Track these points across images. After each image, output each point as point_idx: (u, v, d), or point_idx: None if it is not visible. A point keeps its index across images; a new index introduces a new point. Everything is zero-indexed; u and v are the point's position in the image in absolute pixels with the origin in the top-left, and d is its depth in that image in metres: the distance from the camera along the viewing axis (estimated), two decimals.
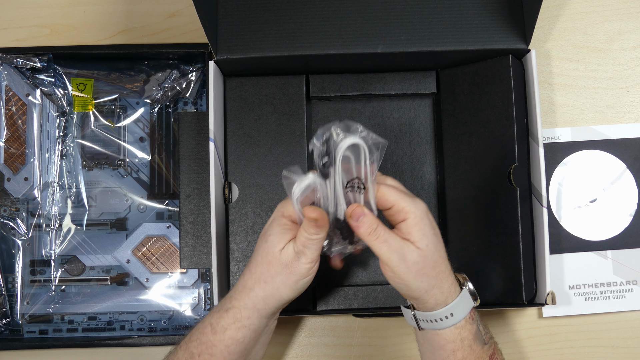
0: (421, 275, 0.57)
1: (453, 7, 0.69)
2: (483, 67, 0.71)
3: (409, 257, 0.57)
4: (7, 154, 0.76)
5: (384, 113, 0.76)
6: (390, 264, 0.57)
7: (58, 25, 0.79)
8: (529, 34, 0.68)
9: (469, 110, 0.72)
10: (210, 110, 0.68)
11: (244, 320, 0.60)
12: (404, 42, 0.68)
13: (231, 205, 0.71)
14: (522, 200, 0.68)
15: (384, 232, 0.57)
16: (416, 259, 0.57)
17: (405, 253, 0.57)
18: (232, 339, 0.60)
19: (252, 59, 0.69)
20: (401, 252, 0.57)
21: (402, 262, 0.57)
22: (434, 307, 0.58)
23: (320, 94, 0.74)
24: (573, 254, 0.75)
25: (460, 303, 0.58)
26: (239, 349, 0.60)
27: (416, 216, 0.57)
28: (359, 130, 0.57)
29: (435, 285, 0.58)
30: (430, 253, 0.57)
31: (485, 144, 0.71)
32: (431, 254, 0.57)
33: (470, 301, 0.59)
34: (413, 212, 0.57)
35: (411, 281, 0.57)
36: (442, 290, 0.58)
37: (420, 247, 0.57)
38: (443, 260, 0.58)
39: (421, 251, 0.57)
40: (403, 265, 0.57)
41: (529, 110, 0.70)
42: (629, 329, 0.75)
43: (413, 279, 0.57)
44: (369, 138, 0.58)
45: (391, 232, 0.57)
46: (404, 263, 0.57)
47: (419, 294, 0.58)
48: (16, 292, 0.75)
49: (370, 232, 0.57)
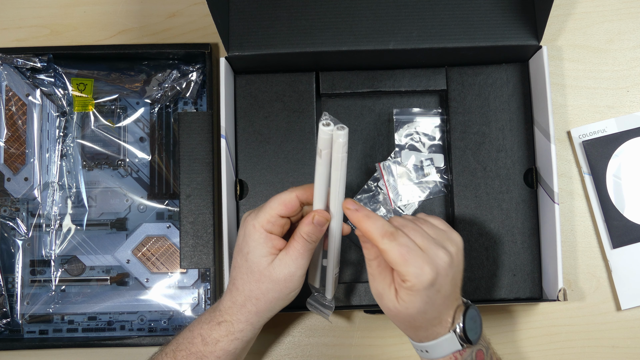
0: (392, 319, 0.58)
1: (464, 4, 0.69)
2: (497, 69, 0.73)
3: (384, 302, 0.56)
4: (7, 154, 0.76)
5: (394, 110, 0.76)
6: (372, 291, 0.57)
7: (58, 25, 0.79)
8: (540, 30, 0.68)
9: (478, 109, 0.73)
10: (222, 107, 0.69)
11: (237, 334, 0.60)
12: (416, 38, 0.69)
13: (242, 202, 0.72)
14: (537, 199, 0.71)
15: (377, 267, 0.56)
16: (390, 307, 0.56)
17: (383, 297, 0.56)
18: (223, 351, 0.60)
19: (264, 56, 0.69)
20: (381, 294, 0.56)
21: (379, 300, 0.57)
22: (413, 339, 0.59)
23: (331, 90, 0.74)
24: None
25: (437, 346, 0.57)
26: (229, 359, 0.60)
27: (413, 285, 0.53)
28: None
29: (407, 330, 0.58)
30: (407, 313, 0.55)
31: (498, 145, 0.72)
32: (408, 314, 0.55)
33: (455, 344, 0.56)
34: (411, 281, 0.53)
35: (385, 314, 0.58)
36: (416, 334, 0.57)
37: (399, 305, 0.55)
38: (425, 319, 0.55)
39: (397, 308, 0.55)
40: (378, 302, 0.57)
41: (542, 108, 0.70)
42: (629, 329, 0.75)
43: (386, 314, 0.57)
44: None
45: (382, 271, 0.56)
46: (380, 302, 0.57)
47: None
48: (16, 292, 0.75)
49: (367, 260, 0.57)
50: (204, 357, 0.60)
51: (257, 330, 0.62)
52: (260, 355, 0.75)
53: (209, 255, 0.72)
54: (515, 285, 0.71)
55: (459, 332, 0.56)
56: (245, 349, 0.63)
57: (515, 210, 0.71)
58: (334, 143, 0.54)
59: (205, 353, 0.60)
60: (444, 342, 0.56)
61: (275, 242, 0.58)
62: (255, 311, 0.59)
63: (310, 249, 0.58)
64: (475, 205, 0.72)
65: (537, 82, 0.71)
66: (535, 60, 0.71)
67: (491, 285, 0.71)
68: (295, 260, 0.58)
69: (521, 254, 0.71)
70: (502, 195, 0.72)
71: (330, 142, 0.54)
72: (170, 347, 0.62)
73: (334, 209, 0.58)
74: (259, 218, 0.58)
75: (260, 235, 0.58)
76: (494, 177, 0.72)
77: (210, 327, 0.60)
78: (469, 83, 0.73)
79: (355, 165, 0.75)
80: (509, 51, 0.70)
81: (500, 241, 0.71)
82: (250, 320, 0.60)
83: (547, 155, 0.68)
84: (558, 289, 0.66)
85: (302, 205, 0.59)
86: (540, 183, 0.71)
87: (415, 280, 0.53)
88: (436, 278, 0.53)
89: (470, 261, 0.71)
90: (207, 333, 0.60)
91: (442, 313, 0.56)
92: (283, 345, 0.76)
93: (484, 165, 0.72)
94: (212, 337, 0.60)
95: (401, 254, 0.53)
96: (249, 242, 0.58)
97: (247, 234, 0.59)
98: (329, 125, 0.53)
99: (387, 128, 0.75)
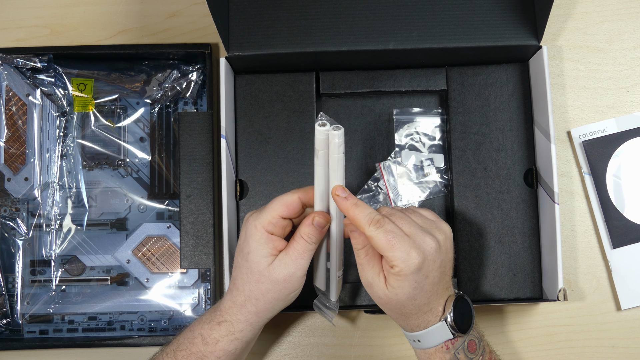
0: (383, 308, 0.58)
1: (464, 4, 0.69)
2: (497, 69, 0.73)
3: (375, 291, 0.57)
4: (8, 154, 0.76)
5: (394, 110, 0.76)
6: (362, 281, 0.58)
7: (58, 25, 0.79)
8: (540, 30, 0.68)
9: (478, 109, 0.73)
10: (222, 107, 0.69)
11: (237, 334, 0.60)
12: (416, 38, 0.69)
13: (242, 202, 0.72)
14: (537, 199, 0.71)
15: (365, 256, 0.57)
16: (380, 295, 0.56)
17: (373, 286, 0.57)
18: (223, 351, 0.60)
19: (264, 56, 0.69)
20: (371, 283, 0.57)
21: (369, 289, 0.57)
22: (404, 328, 0.59)
23: (331, 90, 0.74)
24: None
25: (428, 334, 0.57)
26: (230, 359, 0.60)
27: (400, 270, 0.54)
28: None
29: (399, 319, 0.58)
30: (396, 299, 0.56)
31: (498, 145, 0.72)
32: (397, 301, 0.56)
33: (446, 333, 0.57)
34: (398, 266, 0.54)
35: (376, 303, 0.58)
36: (407, 322, 0.58)
37: (388, 292, 0.56)
38: (415, 305, 0.56)
39: (387, 295, 0.56)
40: (369, 291, 0.58)
41: (542, 108, 0.70)
42: (629, 329, 0.75)
43: (377, 304, 0.58)
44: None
45: (370, 260, 0.57)
46: (370, 291, 0.57)
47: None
48: (16, 292, 0.75)
49: (355, 249, 0.57)
50: (204, 357, 0.60)
51: (257, 331, 0.62)
52: (260, 355, 0.75)
53: (209, 255, 0.72)
54: (515, 285, 0.71)
55: (449, 322, 0.57)
56: (245, 349, 0.63)
57: (515, 210, 0.71)
58: (330, 143, 0.54)
59: (205, 353, 0.60)
60: (435, 331, 0.57)
61: (276, 242, 0.58)
62: (255, 311, 0.59)
63: (310, 250, 0.58)
64: (475, 205, 0.72)
65: (537, 82, 0.71)
66: (536, 60, 0.71)
67: (491, 285, 0.71)
68: (295, 261, 0.58)
69: (521, 254, 0.71)
70: (502, 195, 0.72)
71: (326, 142, 0.54)
72: (171, 347, 0.62)
73: (334, 210, 0.58)
74: (260, 219, 0.58)
75: (261, 236, 0.58)
76: (494, 177, 0.72)
77: (211, 327, 0.60)
78: (469, 83, 0.73)
79: (355, 165, 0.75)
80: (509, 51, 0.70)
81: (500, 241, 0.71)
82: (250, 321, 0.60)
83: (547, 155, 0.68)
84: (558, 289, 0.66)
85: (304, 207, 0.59)
86: (540, 183, 0.71)
87: (402, 264, 0.54)
88: (423, 262, 0.54)
89: (470, 261, 0.71)
90: (207, 333, 0.60)
91: (432, 300, 0.57)
92: (283, 345, 0.76)
93: (484, 165, 0.72)
94: (212, 337, 0.60)
95: (387, 239, 0.54)
96: (250, 242, 0.59)
97: (248, 234, 0.59)
98: (324, 126, 0.53)
99: (387, 128, 0.75)
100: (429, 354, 0.58)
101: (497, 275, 0.71)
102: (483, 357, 0.60)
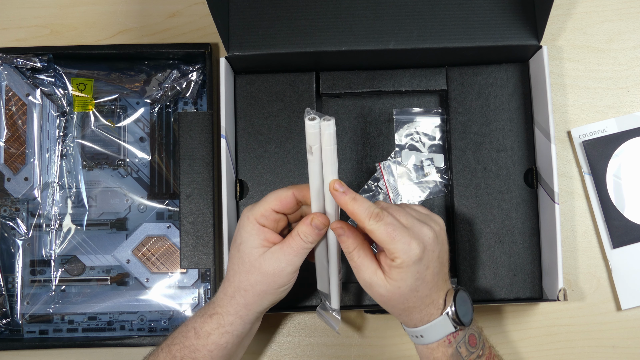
0: (386, 305, 0.58)
1: (464, 4, 0.69)
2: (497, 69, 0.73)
3: (375, 289, 0.57)
4: (7, 154, 0.76)
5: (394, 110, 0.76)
6: (360, 283, 0.58)
7: (58, 25, 0.79)
8: (540, 30, 0.68)
9: (478, 109, 0.73)
10: (222, 107, 0.69)
11: (227, 326, 0.60)
12: (416, 38, 0.69)
13: (242, 202, 0.72)
14: (537, 199, 0.71)
15: (358, 258, 0.56)
16: (382, 292, 0.56)
17: (373, 284, 0.56)
18: (215, 344, 0.60)
19: (264, 56, 0.69)
20: (370, 282, 0.57)
21: (369, 289, 0.57)
22: (407, 324, 0.59)
23: (331, 90, 0.74)
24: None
25: (431, 328, 0.58)
26: (222, 354, 0.61)
27: (402, 262, 0.54)
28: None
29: (402, 314, 0.58)
30: (399, 292, 0.56)
31: (498, 144, 0.72)
32: (400, 294, 0.56)
33: (448, 327, 0.58)
34: (400, 258, 0.54)
35: (378, 302, 0.58)
36: (410, 317, 0.58)
37: (390, 286, 0.56)
38: (418, 297, 0.57)
39: (390, 289, 0.56)
40: (369, 291, 0.57)
41: (542, 108, 0.70)
42: (629, 329, 0.75)
43: (379, 303, 0.58)
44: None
45: (364, 260, 0.56)
46: (370, 290, 0.57)
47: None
48: (16, 292, 0.75)
49: (347, 252, 0.57)
50: (197, 350, 0.60)
51: (247, 325, 0.61)
52: (260, 355, 0.75)
53: (209, 255, 0.72)
54: (515, 285, 0.71)
55: (451, 315, 0.57)
56: (239, 345, 0.63)
57: (516, 210, 0.71)
58: (323, 136, 0.53)
59: (197, 346, 0.60)
60: (438, 325, 0.58)
61: (268, 235, 0.59)
62: (244, 303, 0.60)
63: (304, 249, 0.58)
64: (475, 205, 0.72)
65: (537, 82, 0.71)
66: (536, 60, 0.71)
67: (491, 285, 0.71)
68: (287, 256, 0.58)
69: (521, 254, 0.71)
70: (502, 195, 0.72)
71: (318, 136, 0.54)
72: (166, 341, 0.62)
73: (331, 208, 0.58)
74: (253, 210, 0.59)
75: (252, 227, 0.59)
76: (494, 177, 0.72)
77: (203, 320, 0.61)
78: (469, 83, 0.73)
79: (355, 165, 0.75)
80: (509, 51, 0.70)
81: (500, 241, 0.71)
82: (239, 313, 0.60)
83: (547, 155, 0.68)
84: (558, 289, 0.66)
85: (298, 203, 0.60)
86: (540, 183, 0.71)
87: (404, 256, 0.54)
88: (424, 252, 0.55)
89: (470, 261, 0.71)
90: (199, 326, 0.61)
91: (433, 292, 0.57)
92: (283, 345, 0.76)
93: (484, 165, 0.72)
94: (204, 330, 0.60)
95: (388, 232, 0.54)
96: (242, 233, 0.59)
97: (241, 226, 0.60)
98: (314, 120, 0.53)
99: (387, 128, 0.75)
100: (431, 349, 0.58)
101: (497, 275, 0.71)
102: (483, 351, 0.60)
